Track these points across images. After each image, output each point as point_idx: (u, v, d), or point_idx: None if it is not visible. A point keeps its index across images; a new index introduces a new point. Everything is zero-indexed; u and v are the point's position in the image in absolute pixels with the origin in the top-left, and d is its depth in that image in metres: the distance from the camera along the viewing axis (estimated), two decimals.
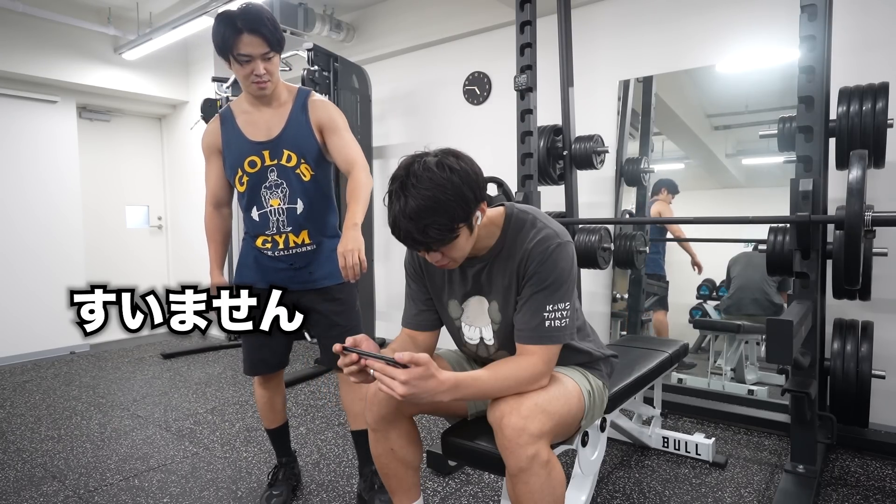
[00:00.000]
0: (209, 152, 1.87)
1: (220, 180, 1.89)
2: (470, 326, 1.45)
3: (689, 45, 3.07)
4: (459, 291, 1.43)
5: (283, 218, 1.79)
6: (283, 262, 1.83)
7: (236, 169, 1.80)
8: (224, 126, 1.82)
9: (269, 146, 1.77)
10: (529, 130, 2.77)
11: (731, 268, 3.05)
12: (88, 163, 4.83)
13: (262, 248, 1.84)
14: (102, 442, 2.64)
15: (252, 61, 1.66)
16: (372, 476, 1.98)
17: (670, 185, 3.26)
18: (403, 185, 1.18)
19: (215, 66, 4.76)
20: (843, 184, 1.91)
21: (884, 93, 2.09)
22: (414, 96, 4.24)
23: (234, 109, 1.83)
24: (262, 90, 1.72)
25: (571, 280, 1.31)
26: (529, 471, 1.19)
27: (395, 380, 1.12)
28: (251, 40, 1.63)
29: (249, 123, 1.79)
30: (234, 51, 1.64)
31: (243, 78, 1.70)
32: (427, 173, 1.17)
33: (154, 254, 5.40)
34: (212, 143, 1.85)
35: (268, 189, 1.79)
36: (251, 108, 1.80)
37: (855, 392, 2.13)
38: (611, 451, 2.39)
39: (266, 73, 1.68)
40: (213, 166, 1.88)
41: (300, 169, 1.79)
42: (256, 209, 1.81)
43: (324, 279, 1.85)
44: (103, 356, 4.38)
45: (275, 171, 1.78)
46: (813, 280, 2.07)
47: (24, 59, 4.12)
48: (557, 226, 1.34)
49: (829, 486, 2.08)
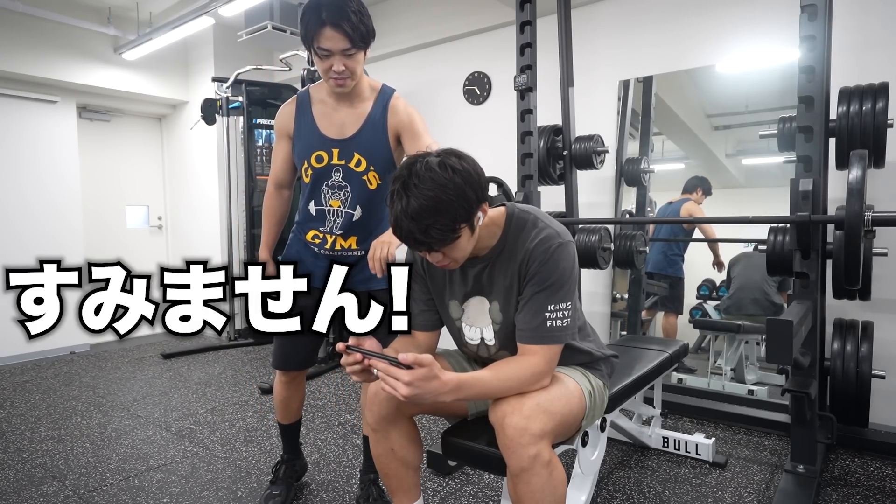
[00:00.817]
0: (280, 134, 1.81)
1: (285, 163, 1.84)
2: (470, 327, 1.45)
3: (689, 45, 3.07)
4: (460, 292, 1.43)
5: (340, 221, 1.75)
6: (328, 260, 1.75)
7: (303, 160, 1.75)
8: (299, 111, 1.76)
9: (340, 145, 1.71)
10: (529, 130, 2.77)
11: (732, 268, 3.05)
12: (88, 163, 4.83)
13: (310, 241, 1.80)
14: (102, 442, 2.64)
15: (331, 56, 1.57)
16: (369, 486, 1.96)
17: (705, 184, 3.16)
18: (405, 185, 1.18)
19: (215, 66, 4.76)
20: (843, 184, 1.91)
21: (884, 93, 2.09)
22: (414, 96, 4.23)
23: (313, 95, 1.76)
24: (340, 87, 1.64)
25: (573, 280, 1.31)
26: (531, 471, 1.19)
27: (398, 380, 1.12)
28: (332, 35, 1.54)
29: (324, 116, 1.73)
30: (314, 43, 1.57)
31: (323, 72, 1.62)
32: (429, 173, 1.17)
33: (154, 254, 5.40)
34: (284, 126, 1.79)
35: (329, 188, 1.74)
36: (330, 99, 1.73)
37: (855, 392, 2.13)
38: (611, 451, 2.39)
39: (346, 70, 1.60)
40: (281, 148, 1.83)
41: (367, 175, 1.73)
42: (315, 204, 1.77)
43: (361, 283, 1.72)
44: (103, 356, 4.38)
45: (340, 171, 1.73)
46: (813, 280, 2.07)
47: (24, 59, 4.12)
48: (559, 226, 1.34)
49: (829, 486, 2.08)
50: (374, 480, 1.98)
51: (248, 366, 4.00)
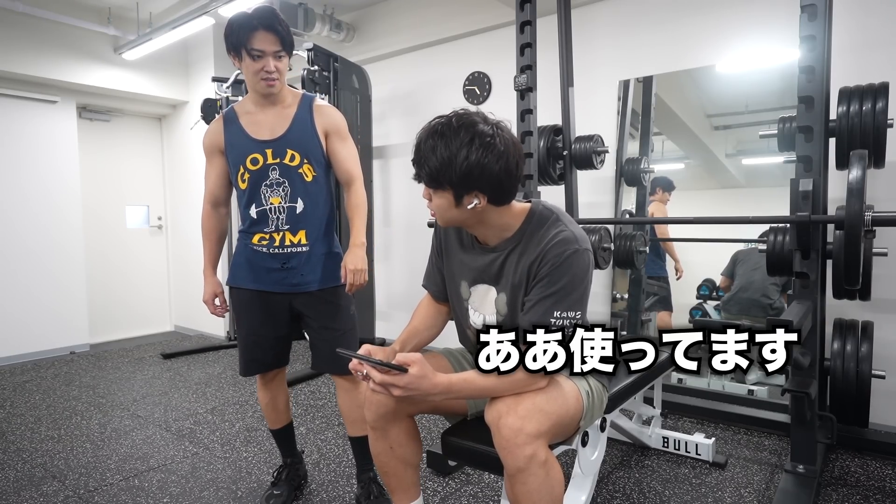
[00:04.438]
0: (210, 151, 1.88)
1: (219, 179, 1.91)
2: (476, 311, 1.45)
3: (689, 45, 3.07)
4: (470, 275, 1.44)
5: (283, 216, 1.81)
6: (276, 260, 1.82)
7: (238, 166, 1.81)
8: (227, 126, 1.84)
9: (273, 145, 1.79)
10: (529, 130, 2.77)
11: (737, 263, 3.03)
12: (88, 163, 4.83)
13: (256, 245, 1.83)
14: (102, 442, 2.64)
15: (264, 57, 1.69)
16: (369, 483, 1.98)
17: (664, 182, 3.25)
18: (457, 130, 1.23)
19: (215, 66, 4.76)
20: (843, 184, 1.90)
21: (884, 93, 2.09)
22: (414, 96, 4.24)
23: (238, 111, 1.85)
24: (270, 87, 1.74)
25: (584, 289, 1.28)
26: (527, 471, 1.19)
27: (394, 385, 1.18)
28: (265, 36, 1.68)
29: (253, 123, 1.81)
30: (247, 44, 1.68)
31: (253, 74, 1.72)
32: (485, 138, 1.23)
33: (154, 254, 5.40)
34: (213, 142, 1.86)
35: (268, 187, 1.80)
36: (256, 109, 1.82)
37: (855, 392, 2.13)
38: (611, 451, 2.39)
39: (276, 72, 1.72)
40: (213, 166, 1.89)
41: (303, 169, 1.80)
42: (255, 206, 1.81)
43: (314, 282, 1.85)
44: (103, 356, 4.38)
45: (277, 169, 1.79)
46: (813, 280, 2.07)
47: (24, 59, 4.12)
48: (579, 230, 1.32)
49: (829, 486, 2.08)
50: (374, 478, 1.99)
51: None
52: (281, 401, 2.03)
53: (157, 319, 5.44)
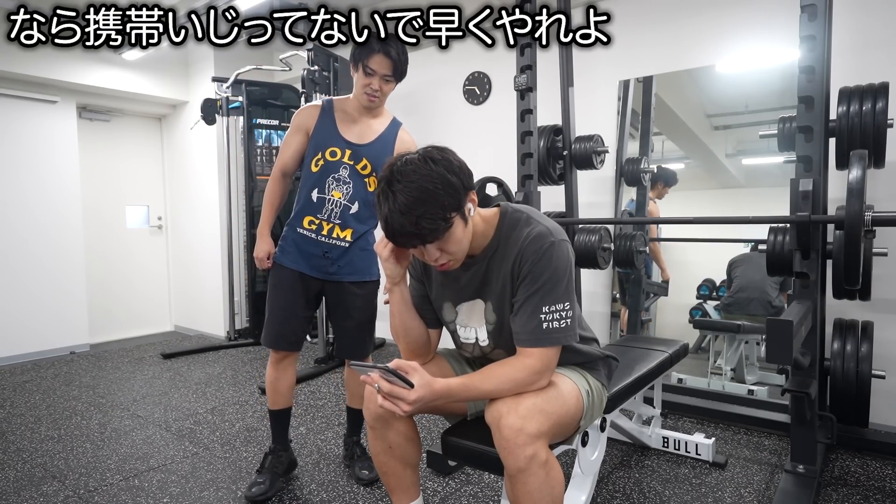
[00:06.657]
0: (297, 128, 2.04)
1: (295, 154, 2.06)
2: (465, 328, 1.46)
3: (689, 45, 3.07)
4: (453, 295, 1.43)
5: (338, 211, 2.00)
6: (319, 247, 2.01)
7: (318, 151, 1.99)
8: (322, 114, 2.02)
9: (354, 148, 1.99)
10: (529, 130, 2.77)
11: (732, 269, 3.05)
12: (88, 163, 4.83)
13: (305, 228, 2.00)
14: (102, 442, 2.64)
15: (374, 76, 1.91)
16: (353, 446, 2.25)
17: (666, 177, 3.26)
18: (390, 183, 1.20)
19: (215, 66, 4.76)
20: (843, 184, 1.90)
21: (884, 93, 2.09)
22: (414, 96, 4.23)
23: (336, 105, 2.04)
24: (370, 102, 1.96)
25: (568, 279, 1.28)
26: (528, 471, 1.19)
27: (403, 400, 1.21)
28: (382, 60, 1.89)
29: (345, 122, 2.01)
30: (365, 61, 1.89)
31: (361, 86, 1.93)
32: (410, 167, 1.20)
33: (154, 254, 5.40)
34: (304, 122, 2.03)
35: (336, 180, 1.99)
36: (352, 112, 2.02)
37: (855, 392, 2.13)
38: (611, 451, 2.39)
39: (379, 91, 1.93)
40: (294, 140, 2.05)
41: (369, 179, 2.01)
42: (318, 192, 1.99)
43: (349, 275, 2.05)
44: (103, 356, 4.38)
45: (348, 168, 1.99)
46: (813, 280, 2.07)
47: (24, 59, 4.12)
48: (552, 224, 1.32)
49: (829, 486, 2.08)
50: (358, 441, 2.27)
51: (248, 366, 4.00)
52: (284, 383, 2.12)
53: (157, 319, 5.44)
